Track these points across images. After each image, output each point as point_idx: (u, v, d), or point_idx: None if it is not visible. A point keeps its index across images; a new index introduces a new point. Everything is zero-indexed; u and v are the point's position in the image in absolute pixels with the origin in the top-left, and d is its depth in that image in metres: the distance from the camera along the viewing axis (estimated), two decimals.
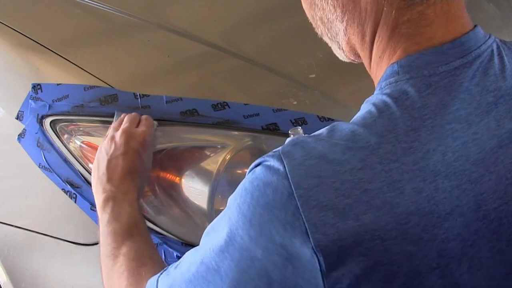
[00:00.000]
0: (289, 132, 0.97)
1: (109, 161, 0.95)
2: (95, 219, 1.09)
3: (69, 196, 1.10)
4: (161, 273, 0.73)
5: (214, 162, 1.07)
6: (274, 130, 1.12)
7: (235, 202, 0.63)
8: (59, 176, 1.10)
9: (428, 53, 0.65)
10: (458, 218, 0.60)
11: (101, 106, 1.09)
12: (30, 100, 1.12)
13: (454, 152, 0.61)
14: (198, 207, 1.08)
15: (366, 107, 0.66)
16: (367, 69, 0.73)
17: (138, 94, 1.10)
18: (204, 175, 1.08)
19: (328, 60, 1.33)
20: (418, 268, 0.59)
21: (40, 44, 1.21)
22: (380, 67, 0.69)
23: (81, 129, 1.11)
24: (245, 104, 1.12)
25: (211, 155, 1.09)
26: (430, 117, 0.62)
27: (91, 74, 1.14)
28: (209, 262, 0.64)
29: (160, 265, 0.83)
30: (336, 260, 0.58)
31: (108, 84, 1.11)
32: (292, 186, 0.59)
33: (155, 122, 1.06)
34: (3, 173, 1.24)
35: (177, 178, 1.10)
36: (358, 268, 0.58)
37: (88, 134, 1.11)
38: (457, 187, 0.60)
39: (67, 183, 1.10)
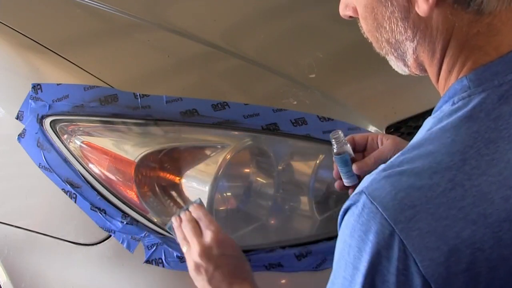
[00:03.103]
0: (330, 136, 0.97)
1: (211, 282, 0.93)
2: (95, 219, 1.09)
3: (69, 196, 1.10)
4: None
5: (214, 162, 1.07)
6: (274, 130, 1.12)
7: (343, 260, 0.66)
8: (59, 176, 1.10)
9: (495, 64, 0.67)
10: None
11: (101, 106, 1.09)
12: (30, 100, 1.12)
13: None
14: None
15: (437, 124, 0.67)
16: (434, 82, 0.74)
17: (138, 94, 1.10)
18: (204, 175, 1.08)
19: (328, 60, 1.33)
20: None
21: (40, 44, 1.21)
22: (449, 80, 0.71)
23: (81, 129, 1.11)
24: (245, 104, 1.12)
25: (211, 155, 1.09)
26: (505, 128, 0.64)
27: (91, 74, 1.13)
28: None
29: None
30: (444, 282, 0.61)
31: (108, 84, 1.11)
32: (391, 224, 0.61)
33: (198, 199, 1.02)
34: (3, 173, 1.24)
35: (177, 178, 1.10)
36: (463, 284, 0.61)
37: (88, 134, 1.10)
38: None
39: (67, 183, 1.10)
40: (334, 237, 1.13)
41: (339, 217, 0.68)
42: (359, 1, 0.72)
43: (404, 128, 1.22)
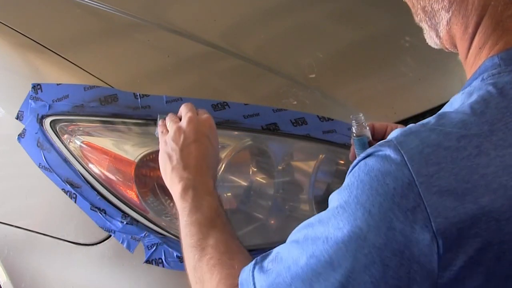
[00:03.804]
0: (351, 117, 0.98)
1: (182, 150, 0.94)
2: (95, 219, 1.09)
3: (69, 196, 1.10)
4: (254, 267, 0.74)
5: None
6: (274, 130, 1.12)
7: (351, 194, 0.65)
8: (59, 176, 1.10)
9: None
10: None
11: (101, 106, 1.09)
12: (30, 100, 1.12)
13: None
14: None
15: (467, 97, 0.69)
16: (461, 58, 0.76)
17: (138, 94, 1.10)
18: None
19: (328, 60, 1.33)
20: None
21: (40, 44, 1.21)
22: (478, 58, 0.73)
23: (81, 129, 1.11)
24: (245, 104, 1.12)
25: None
26: None
27: (91, 74, 1.14)
28: (321, 254, 0.65)
29: (248, 256, 0.84)
30: (453, 243, 0.62)
31: (108, 84, 1.11)
32: (413, 174, 0.62)
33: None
34: (3, 173, 1.24)
35: None
36: (472, 249, 0.62)
37: (88, 134, 1.11)
38: None
39: (67, 183, 1.10)
40: None
41: (354, 162, 0.68)
42: None
43: None
